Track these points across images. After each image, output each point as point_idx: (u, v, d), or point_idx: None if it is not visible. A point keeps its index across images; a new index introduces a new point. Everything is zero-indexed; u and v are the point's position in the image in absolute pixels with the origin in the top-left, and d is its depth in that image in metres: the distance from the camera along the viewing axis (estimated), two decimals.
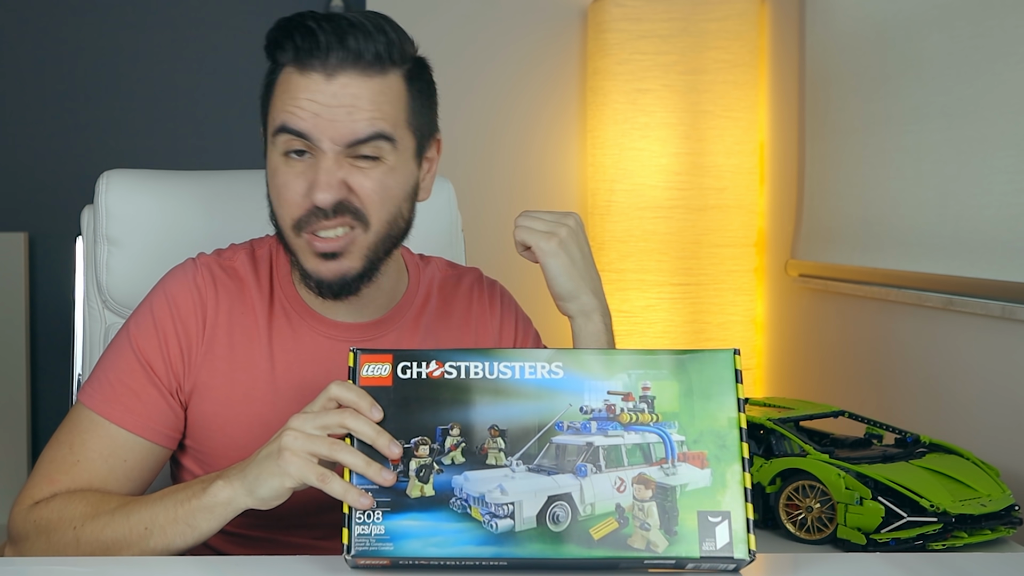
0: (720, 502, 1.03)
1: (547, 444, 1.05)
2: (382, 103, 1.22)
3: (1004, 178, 1.72)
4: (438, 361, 1.07)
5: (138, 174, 1.61)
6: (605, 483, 1.03)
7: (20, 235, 2.83)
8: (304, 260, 1.26)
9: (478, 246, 1.71)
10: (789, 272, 2.50)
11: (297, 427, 1.08)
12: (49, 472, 1.25)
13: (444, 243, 1.67)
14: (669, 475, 1.04)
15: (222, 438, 1.30)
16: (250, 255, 1.36)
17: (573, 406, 1.06)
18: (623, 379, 1.06)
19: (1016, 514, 1.49)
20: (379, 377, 1.07)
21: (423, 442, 1.05)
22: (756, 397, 1.91)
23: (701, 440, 1.05)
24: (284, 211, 1.25)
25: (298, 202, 1.23)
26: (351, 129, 1.21)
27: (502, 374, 1.07)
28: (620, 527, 1.02)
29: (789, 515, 1.54)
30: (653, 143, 2.65)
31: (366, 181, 1.23)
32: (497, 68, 2.84)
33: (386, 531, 1.02)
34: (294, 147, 1.22)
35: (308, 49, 1.21)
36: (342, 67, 1.21)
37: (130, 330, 1.31)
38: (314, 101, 1.21)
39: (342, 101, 1.21)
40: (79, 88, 2.95)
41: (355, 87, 1.21)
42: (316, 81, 1.21)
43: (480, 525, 1.02)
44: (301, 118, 1.21)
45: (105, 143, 2.95)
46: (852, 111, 2.22)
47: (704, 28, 2.64)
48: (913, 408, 1.98)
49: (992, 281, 1.73)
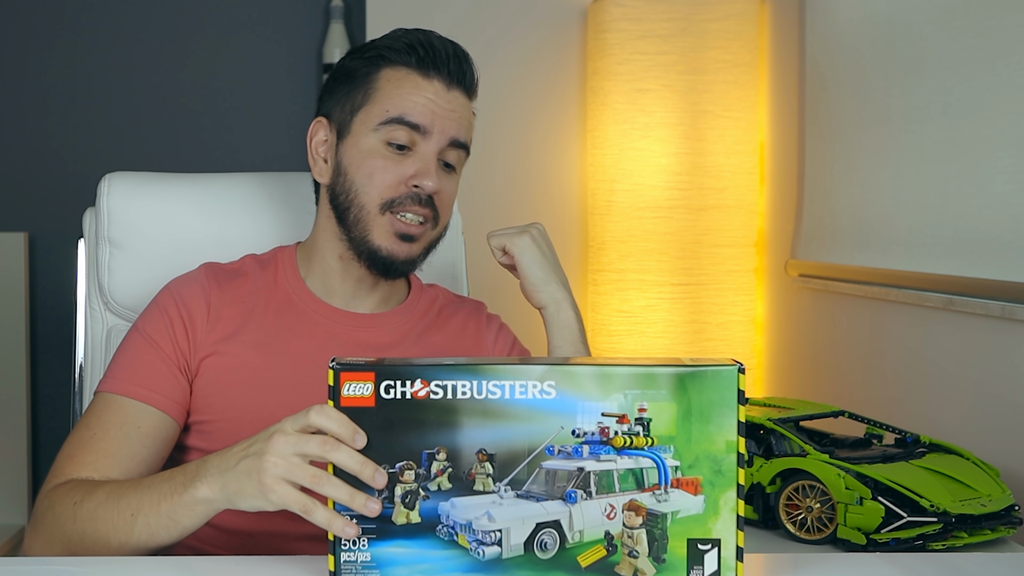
0: (711, 529, 1.01)
1: (536, 469, 1.01)
2: (471, 120, 1.45)
3: (1004, 178, 1.72)
4: (423, 380, 1.01)
5: (140, 176, 1.62)
6: (595, 510, 1.01)
7: (20, 235, 2.83)
8: (379, 236, 1.40)
9: (478, 246, 1.71)
10: (789, 272, 2.50)
11: (278, 452, 1.04)
12: (69, 451, 1.32)
13: (444, 244, 1.67)
14: (661, 501, 1.01)
15: (222, 404, 1.38)
16: (255, 258, 1.50)
17: (565, 429, 1.01)
18: (619, 400, 1.01)
19: (1016, 514, 1.49)
20: (361, 397, 1.01)
21: (408, 467, 1.01)
22: (756, 397, 1.91)
23: (696, 465, 1.01)
24: (376, 190, 1.39)
25: (394, 184, 1.39)
26: (458, 129, 1.41)
27: (491, 394, 1.01)
28: (608, 555, 1.01)
29: (789, 515, 1.55)
30: (653, 143, 2.65)
31: (448, 185, 1.43)
32: (497, 68, 2.84)
33: (372, 558, 1.01)
34: (400, 140, 1.39)
35: (434, 60, 1.41)
36: (457, 85, 1.42)
37: (138, 323, 1.42)
38: (434, 101, 1.40)
39: (454, 108, 1.41)
40: (82, 90, 2.95)
41: (462, 102, 1.43)
42: (437, 87, 1.40)
43: (467, 552, 1.01)
44: (421, 112, 1.39)
45: (107, 145, 2.95)
46: (852, 111, 2.22)
47: (704, 28, 2.64)
48: (913, 408, 1.98)
49: (992, 281, 1.73)
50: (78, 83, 2.95)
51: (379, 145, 1.39)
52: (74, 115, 2.95)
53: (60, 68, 2.95)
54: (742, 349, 2.68)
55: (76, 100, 2.96)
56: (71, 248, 1.66)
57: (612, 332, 2.68)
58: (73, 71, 2.95)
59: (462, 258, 1.73)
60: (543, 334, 1.50)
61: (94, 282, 1.61)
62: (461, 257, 1.74)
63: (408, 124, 1.38)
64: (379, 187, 1.39)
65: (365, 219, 1.40)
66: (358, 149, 1.40)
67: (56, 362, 2.91)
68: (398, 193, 1.38)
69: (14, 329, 2.81)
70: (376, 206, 1.39)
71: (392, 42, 1.43)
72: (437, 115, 1.39)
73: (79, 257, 1.65)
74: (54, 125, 2.95)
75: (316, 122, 1.46)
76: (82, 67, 2.95)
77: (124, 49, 2.96)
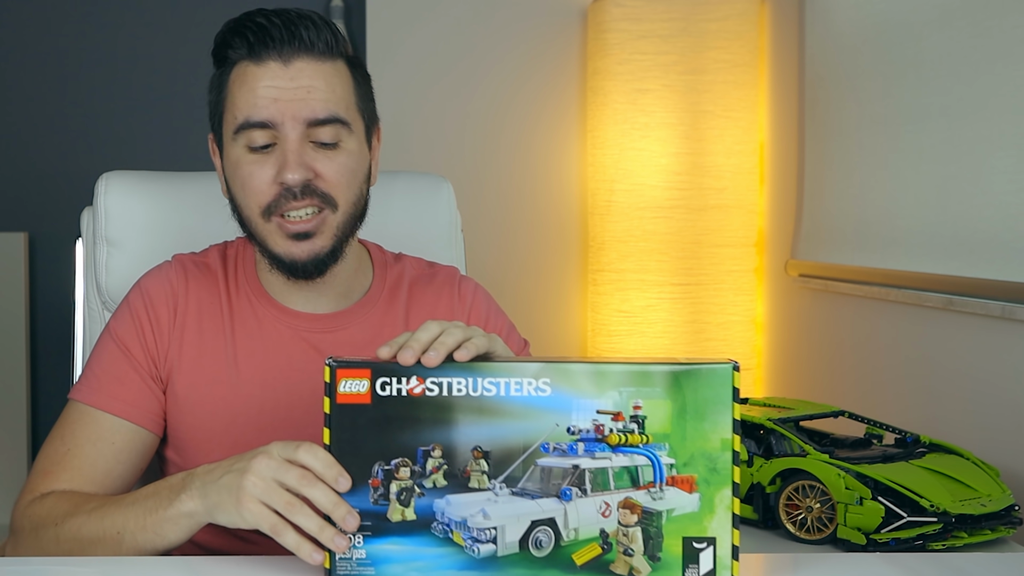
0: (707, 527, 1.01)
1: (532, 466, 1.01)
2: (335, 86, 1.30)
3: (1004, 178, 1.72)
4: (419, 377, 1.02)
5: (137, 175, 1.62)
6: (590, 507, 1.01)
7: (20, 235, 2.83)
8: (274, 244, 1.31)
9: (478, 246, 1.71)
10: (789, 272, 2.50)
11: (259, 473, 1.06)
12: (44, 466, 1.30)
13: (444, 243, 1.67)
14: (656, 499, 1.01)
15: (191, 420, 1.36)
16: (221, 252, 1.44)
17: (560, 426, 1.01)
18: (613, 397, 1.01)
19: (1016, 514, 1.49)
20: (357, 394, 1.02)
21: (404, 464, 1.02)
22: (756, 397, 1.91)
23: (692, 463, 1.01)
24: (251, 199, 1.31)
25: (265, 189, 1.29)
26: (311, 108, 1.28)
27: (486, 391, 1.01)
28: (603, 553, 1.01)
29: (789, 515, 1.55)
30: (653, 143, 2.65)
31: (331, 164, 1.30)
32: (497, 68, 2.84)
33: (367, 555, 1.01)
34: (258, 142, 1.29)
35: (263, 41, 1.28)
36: (297, 54, 1.29)
37: (110, 325, 1.39)
38: (273, 86, 1.28)
39: (300, 83, 1.28)
40: (79, 89, 2.95)
41: (310, 71, 1.29)
42: (273, 69, 1.28)
43: (462, 550, 1.01)
44: (263, 107, 1.28)
45: (104, 144, 2.95)
46: (852, 111, 2.22)
47: (704, 28, 2.64)
48: (913, 408, 1.98)
49: (992, 281, 1.73)
50: (77, 83, 2.95)
51: (242, 152, 1.30)
52: (73, 115, 2.95)
53: (59, 68, 2.95)
54: (742, 349, 2.68)
55: (75, 100, 2.96)
56: (71, 248, 1.66)
57: (612, 332, 2.68)
58: (72, 71, 2.95)
59: (462, 257, 1.73)
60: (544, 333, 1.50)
61: (92, 281, 1.61)
62: (461, 256, 1.73)
63: (255, 125, 1.28)
64: (253, 195, 1.30)
65: (257, 230, 1.32)
66: (229, 161, 1.33)
67: (56, 362, 2.91)
68: (272, 195, 1.29)
69: (14, 329, 2.81)
70: (258, 215, 1.31)
71: (224, 36, 1.32)
72: (281, 101, 1.28)
73: (77, 257, 1.65)
74: (53, 125, 2.95)
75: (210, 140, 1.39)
76: (81, 67, 2.95)
77: (122, 49, 2.96)
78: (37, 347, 2.90)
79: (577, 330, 2.86)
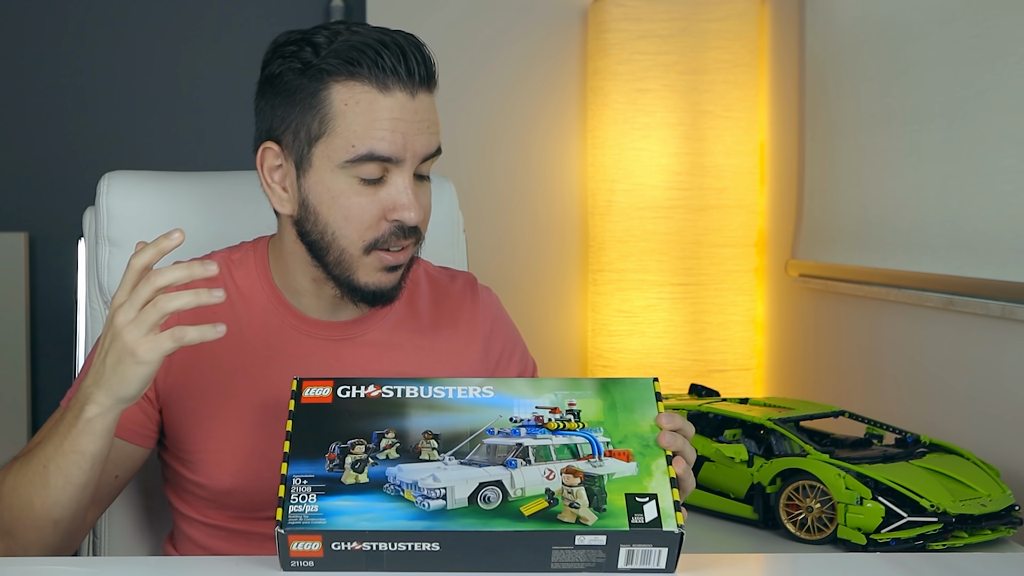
0: (647, 487, 1.07)
1: (479, 444, 1.10)
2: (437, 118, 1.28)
3: (1004, 178, 1.72)
4: (376, 385, 1.15)
5: (139, 175, 1.62)
6: (535, 473, 1.08)
7: (20, 235, 2.83)
8: (365, 275, 1.28)
9: (478, 246, 1.71)
10: (789, 272, 2.50)
11: (124, 322, 1.10)
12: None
13: (445, 243, 1.68)
14: (596, 467, 1.08)
15: (200, 433, 1.32)
16: (226, 259, 1.40)
17: (503, 417, 1.13)
18: (550, 398, 1.14)
19: (1016, 514, 1.49)
20: (320, 397, 1.14)
21: (359, 442, 1.10)
22: (756, 397, 1.91)
23: (626, 441, 1.11)
24: (355, 232, 1.26)
25: (373, 224, 1.26)
26: (427, 144, 1.26)
27: (436, 394, 1.15)
28: (550, 506, 1.05)
29: (789, 515, 1.55)
30: (653, 143, 2.65)
31: (426, 199, 1.29)
32: (497, 68, 2.84)
33: (320, 510, 1.05)
34: (373, 175, 1.24)
35: (388, 65, 1.22)
36: (420, 85, 1.25)
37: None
38: (401, 120, 1.23)
39: (421, 117, 1.25)
40: (81, 89, 2.95)
41: (427, 104, 1.26)
42: (401, 100, 1.23)
43: (412, 504, 1.05)
44: (391, 142, 1.23)
45: (106, 144, 2.95)
46: (852, 111, 2.22)
47: (704, 28, 2.64)
48: (913, 408, 1.98)
49: (992, 281, 1.73)
50: (78, 83, 2.95)
51: (351, 182, 1.24)
52: (74, 115, 2.95)
53: (59, 68, 2.95)
54: (742, 349, 2.68)
55: (76, 100, 2.96)
56: (71, 248, 1.66)
57: (612, 332, 2.68)
58: (72, 71, 2.96)
59: (463, 257, 1.73)
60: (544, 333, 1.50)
61: (94, 282, 1.61)
62: (462, 256, 1.74)
63: (379, 159, 1.23)
64: (358, 229, 1.25)
65: (348, 261, 1.27)
66: (326, 187, 1.25)
67: (56, 362, 2.91)
68: (380, 232, 1.26)
69: (14, 329, 2.81)
70: (359, 249, 1.26)
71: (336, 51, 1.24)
72: (408, 136, 1.23)
73: (79, 257, 1.65)
74: (54, 125, 2.95)
75: (265, 148, 1.29)
76: (81, 67, 2.95)
77: (123, 48, 2.97)
78: (37, 347, 2.90)
79: (577, 330, 2.86)
